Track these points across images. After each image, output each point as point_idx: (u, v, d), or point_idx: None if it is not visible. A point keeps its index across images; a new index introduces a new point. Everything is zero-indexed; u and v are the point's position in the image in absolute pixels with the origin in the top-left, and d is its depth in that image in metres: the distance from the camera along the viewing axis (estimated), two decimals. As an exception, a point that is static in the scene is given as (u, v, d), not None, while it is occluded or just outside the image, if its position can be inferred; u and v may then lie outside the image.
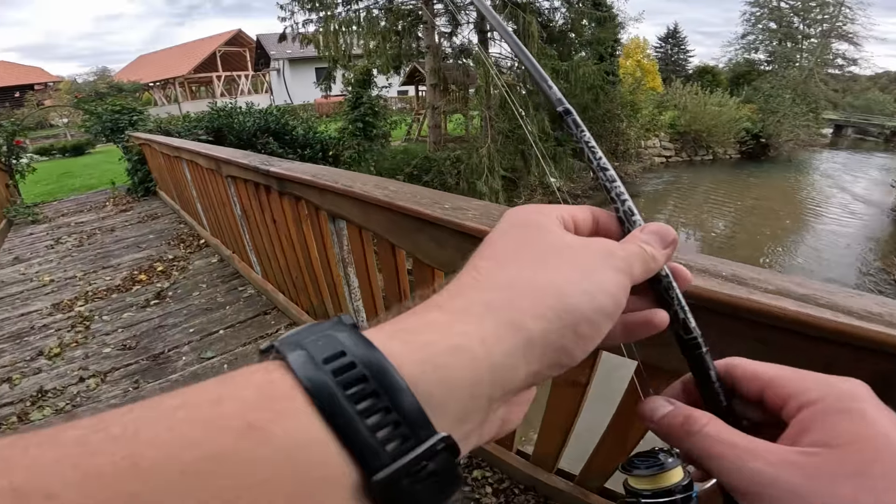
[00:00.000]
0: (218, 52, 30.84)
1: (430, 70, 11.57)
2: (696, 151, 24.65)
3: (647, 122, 19.84)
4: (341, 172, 1.78)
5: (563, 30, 13.17)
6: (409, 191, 1.43)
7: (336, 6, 12.42)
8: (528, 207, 0.33)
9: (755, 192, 19.83)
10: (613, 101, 15.97)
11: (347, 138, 10.09)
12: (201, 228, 4.82)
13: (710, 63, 36.00)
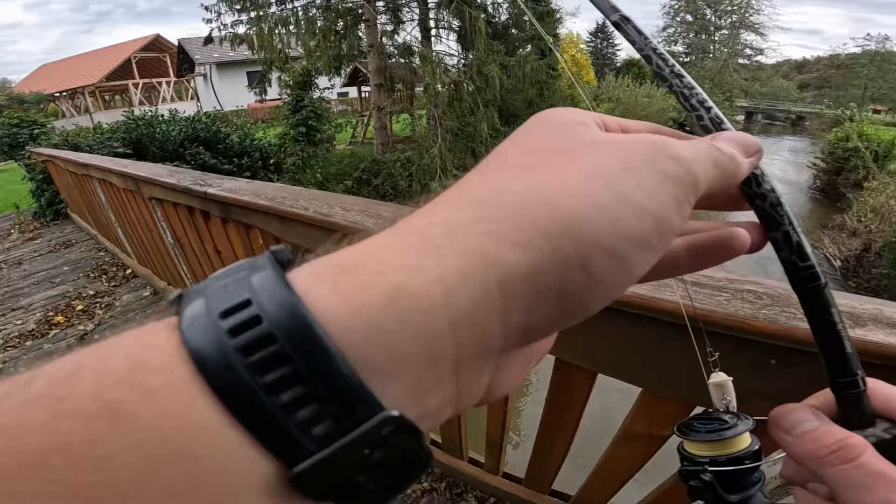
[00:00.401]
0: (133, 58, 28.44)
1: (374, 69, 11.08)
2: (631, 141, 25.94)
3: (585, 115, 20.44)
4: (313, 194, 1.39)
5: (507, 25, 13.15)
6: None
7: (270, 5, 11.65)
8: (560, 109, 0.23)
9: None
10: (555, 96, 16.25)
11: (289, 144, 9.42)
12: (126, 256, 4.15)
13: (636, 56, 37.77)
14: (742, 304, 0.68)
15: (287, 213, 1.29)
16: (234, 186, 1.60)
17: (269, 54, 11.71)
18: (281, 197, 1.37)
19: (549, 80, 14.13)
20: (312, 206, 1.25)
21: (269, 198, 1.38)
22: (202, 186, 1.68)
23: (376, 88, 11.11)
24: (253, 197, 1.43)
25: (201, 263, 2.42)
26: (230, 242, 1.90)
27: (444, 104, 10.11)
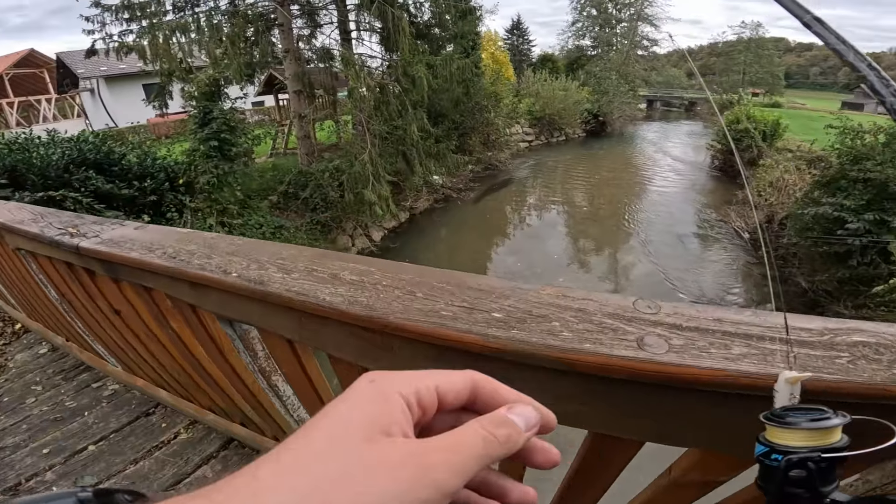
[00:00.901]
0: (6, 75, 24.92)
1: (291, 76, 10.35)
2: (552, 134, 26.90)
3: (509, 111, 20.84)
4: (233, 244, 1.04)
5: (430, 24, 12.94)
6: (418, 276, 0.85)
7: (165, 13, 10.50)
8: (379, 384, 0.29)
9: (606, 165, 22.22)
10: (480, 93, 16.37)
11: (200, 161, 8.52)
12: (12, 308, 3.40)
13: (549, 51, 39.47)
14: (868, 363, 0.56)
15: (199, 279, 0.93)
16: (119, 236, 1.19)
17: (168, 64, 10.57)
18: (187, 252, 1.00)
19: (473, 77, 14.19)
20: (235, 266, 0.90)
21: (169, 254, 1.01)
22: (73, 238, 1.24)
23: (295, 95, 10.40)
24: (145, 253, 1.04)
25: (99, 322, 1.93)
26: (129, 303, 1.47)
27: (370, 108, 9.69)
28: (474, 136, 17.03)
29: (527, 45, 38.56)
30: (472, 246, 11.93)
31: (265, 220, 9.67)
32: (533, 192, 17.27)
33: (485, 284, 0.77)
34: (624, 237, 13.06)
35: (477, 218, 13.90)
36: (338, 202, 9.92)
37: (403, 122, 10.04)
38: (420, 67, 9.90)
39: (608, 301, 0.70)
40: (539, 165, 21.07)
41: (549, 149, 25.45)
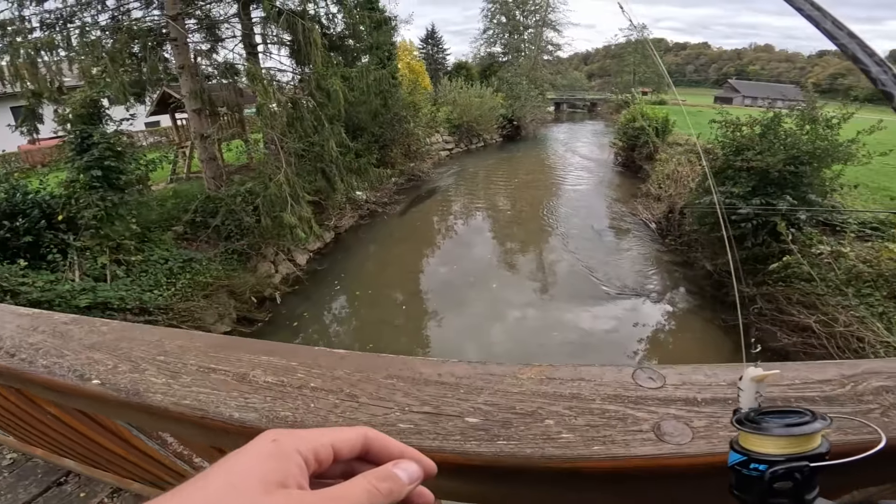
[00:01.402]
0: None
1: (188, 93, 9.41)
2: (471, 140, 27.48)
3: (428, 120, 20.91)
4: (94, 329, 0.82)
5: (343, 36, 12.55)
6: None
7: (31, 31, 9.13)
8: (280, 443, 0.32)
9: (524, 168, 23.13)
10: (398, 104, 16.21)
11: (82, 193, 7.45)
12: None
13: (463, 59, 40.36)
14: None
15: (48, 385, 0.70)
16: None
17: (34, 85, 9.20)
18: (30, 347, 0.75)
19: (391, 88, 14.02)
20: (97, 368, 0.69)
21: (7, 350, 0.75)
22: None
23: (195, 114, 9.46)
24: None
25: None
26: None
27: (282, 125, 9.10)
28: (395, 147, 16.84)
29: (441, 54, 39.16)
30: (402, 260, 11.71)
31: (170, 253, 8.70)
32: (458, 200, 17.44)
33: (447, 374, 0.60)
34: (546, 236, 13.58)
35: (405, 231, 13.71)
36: (254, 228, 9.20)
37: (320, 137, 9.56)
38: (335, 80, 9.50)
39: (603, 378, 0.59)
40: (461, 173, 21.38)
41: (470, 155, 25.97)
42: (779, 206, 7.87)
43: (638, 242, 12.92)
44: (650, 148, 19.91)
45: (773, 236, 8.04)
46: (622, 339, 8.26)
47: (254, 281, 9.24)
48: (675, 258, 11.30)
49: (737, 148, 9.09)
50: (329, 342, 8.48)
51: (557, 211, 16.10)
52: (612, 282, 10.19)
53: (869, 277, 6.72)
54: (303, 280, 10.14)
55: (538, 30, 38.09)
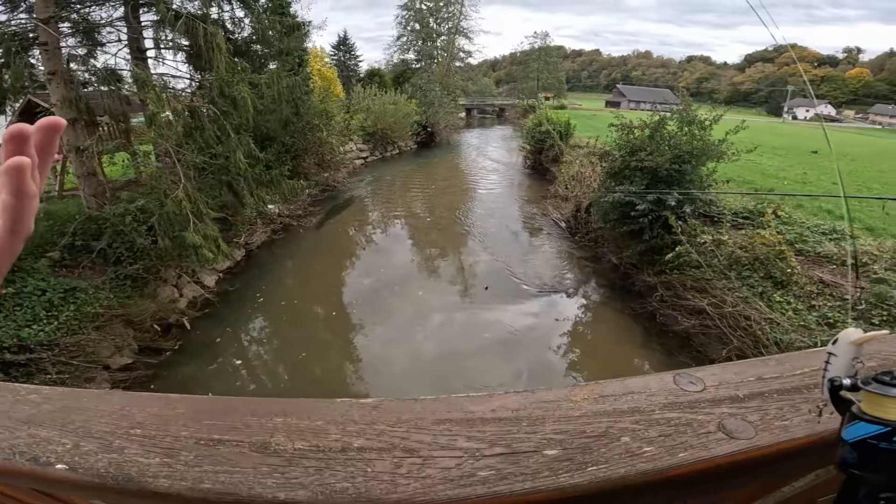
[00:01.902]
0: None
1: (59, 101, 8.12)
2: (386, 148, 27.27)
3: (342, 128, 20.35)
4: None
5: (250, 41, 11.73)
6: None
7: None
8: None
9: (440, 174, 23.49)
10: (310, 112, 15.58)
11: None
12: None
13: (376, 66, 39.97)
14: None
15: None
16: None
17: None
18: None
19: (303, 96, 13.42)
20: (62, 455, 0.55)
21: None
22: None
23: (69, 125, 8.23)
24: None
25: None
26: None
27: (178, 135, 8.24)
28: (308, 157, 16.14)
29: (354, 61, 38.47)
30: (323, 274, 11.25)
31: (48, 283, 7.55)
32: (376, 209, 17.19)
33: (500, 408, 0.57)
34: (466, 239, 13.87)
35: (323, 244, 13.19)
36: (150, 250, 8.25)
37: (225, 149, 8.82)
38: (242, 87, 8.81)
39: (651, 388, 0.62)
40: (378, 181, 21.12)
41: (385, 163, 25.76)
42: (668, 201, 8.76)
43: (550, 241, 13.68)
44: (556, 151, 21.17)
45: (666, 229, 8.92)
46: (546, 333, 8.65)
47: (155, 307, 8.31)
48: (585, 254, 12.12)
49: (631, 149, 9.88)
50: (251, 365, 7.90)
51: (474, 214, 16.52)
52: (531, 280, 10.66)
53: (746, 261, 7.72)
54: (214, 303, 9.33)
55: (451, 37, 39.00)
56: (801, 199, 11.16)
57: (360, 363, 7.87)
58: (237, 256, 11.02)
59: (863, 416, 0.35)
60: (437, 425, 0.56)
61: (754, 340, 6.79)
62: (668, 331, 8.29)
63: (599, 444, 0.54)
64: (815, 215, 9.78)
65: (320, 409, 0.60)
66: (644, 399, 0.59)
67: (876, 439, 0.33)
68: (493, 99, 66.85)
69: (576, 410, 0.58)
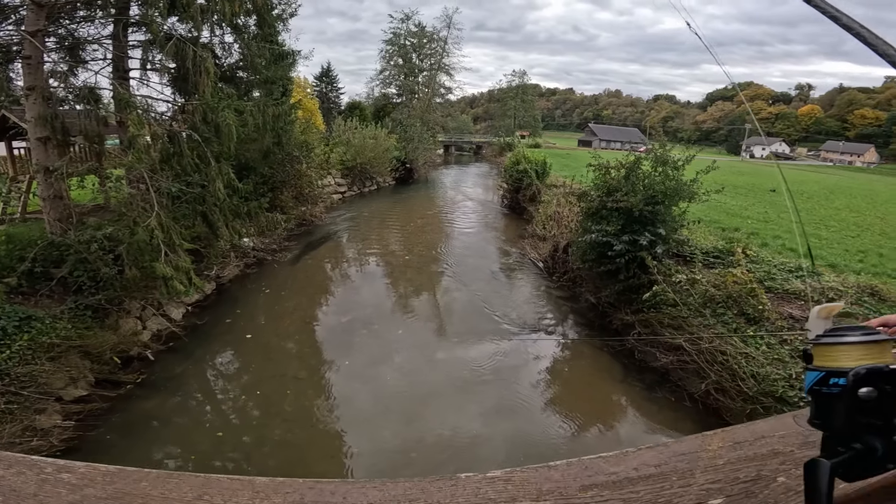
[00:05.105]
0: None
1: (35, 118, 7.81)
2: (364, 183, 27.33)
3: (321, 161, 20.34)
4: None
5: (237, 67, 11.69)
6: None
7: None
8: None
9: (418, 211, 23.57)
10: (291, 143, 15.50)
11: None
12: None
13: (357, 98, 40.59)
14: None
15: None
16: None
17: None
18: None
19: (287, 126, 13.37)
20: None
21: None
22: None
23: (40, 143, 7.83)
24: None
25: None
26: None
27: (153, 160, 8.01)
28: (286, 190, 15.97)
29: (336, 93, 38.95)
30: (298, 310, 10.91)
31: (2, 310, 7.08)
32: (353, 246, 17.00)
33: (642, 466, 0.56)
34: (442, 278, 13.79)
35: (299, 280, 12.88)
36: (115, 280, 7.85)
37: (202, 177, 8.60)
38: (227, 114, 8.69)
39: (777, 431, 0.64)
40: (355, 217, 21.02)
41: (363, 199, 25.76)
42: (642, 241, 8.97)
43: (528, 280, 13.73)
44: (533, 190, 21.57)
45: (642, 269, 9.10)
46: (527, 372, 8.55)
47: (115, 339, 7.87)
48: (563, 293, 12.20)
49: (608, 190, 10.09)
50: (216, 401, 7.46)
51: (453, 253, 16.53)
52: (510, 319, 10.61)
53: (720, 299, 7.91)
54: (180, 336, 8.88)
55: (432, 73, 40.04)
56: (765, 238, 11.63)
57: (332, 401, 7.54)
58: (207, 290, 10.61)
59: (808, 367, 0.40)
60: (584, 492, 0.53)
61: (731, 374, 6.87)
62: (646, 367, 8.31)
63: (759, 486, 0.54)
64: (779, 253, 10.18)
65: (446, 490, 0.55)
66: (778, 441, 0.60)
67: (818, 385, 0.38)
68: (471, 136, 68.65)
69: (718, 459, 0.58)
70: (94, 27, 9.58)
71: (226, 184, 8.92)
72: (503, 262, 15.59)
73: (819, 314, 0.47)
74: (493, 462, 6.23)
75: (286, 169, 15.58)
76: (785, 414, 0.66)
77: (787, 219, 15.60)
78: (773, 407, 6.20)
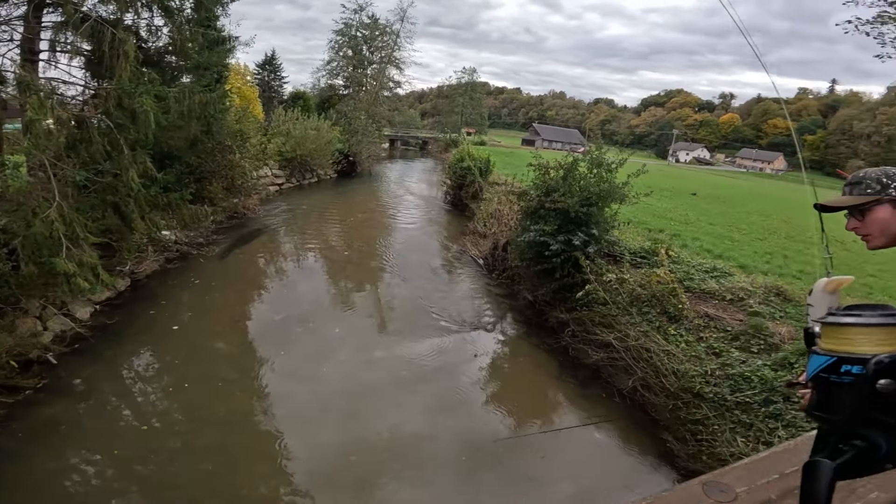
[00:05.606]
0: None
1: None
2: (304, 175, 26.33)
3: (257, 152, 19.29)
4: None
5: (165, 51, 10.73)
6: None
7: None
8: None
9: (359, 206, 23.11)
10: (223, 132, 14.57)
11: None
12: None
13: (301, 89, 38.92)
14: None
15: None
16: None
17: None
18: None
19: (218, 114, 12.55)
20: None
21: None
22: None
23: None
24: None
25: None
26: None
27: (57, 146, 7.13)
28: (216, 181, 14.96)
29: (279, 82, 37.14)
30: (227, 308, 10.27)
31: None
32: (289, 240, 16.28)
33: None
34: (383, 274, 13.61)
35: (228, 275, 12.12)
36: (10, 276, 6.97)
37: (115, 166, 7.82)
38: (146, 99, 7.92)
39: None
40: (293, 210, 20.18)
41: (302, 192, 24.82)
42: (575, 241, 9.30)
43: (469, 277, 13.86)
44: (476, 187, 21.79)
45: (577, 268, 9.44)
46: (467, 368, 8.61)
47: (12, 342, 7.01)
48: (502, 291, 12.42)
49: (546, 190, 10.33)
50: (136, 405, 6.84)
51: (394, 249, 16.35)
52: (450, 316, 10.63)
53: (645, 298, 8.37)
54: (87, 337, 8.07)
55: (382, 66, 39.17)
56: (684, 240, 12.48)
57: (266, 402, 7.17)
58: (121, 286, 9.70)
59: (815, 350, 0.34)
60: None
61: (655, 371, 7.29)
62: (580, 364, 8.65)
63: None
64: (698, 254, 10.96)
65: None
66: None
67: (826, 372, 0.33)
68: (418, 131, 68.24)
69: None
70: (4, 8, 8.50)
71: (141, 173, 8.17)
72: (444, 259, 15.63)
73: (826, 288, 0.40)
74: (437, 461, 6.22)
75: (216, 159, 14.62)
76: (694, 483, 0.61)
77: (706, 221, 16.90)
78: (691, 402, 6.62)
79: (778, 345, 6.86)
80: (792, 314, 7.62)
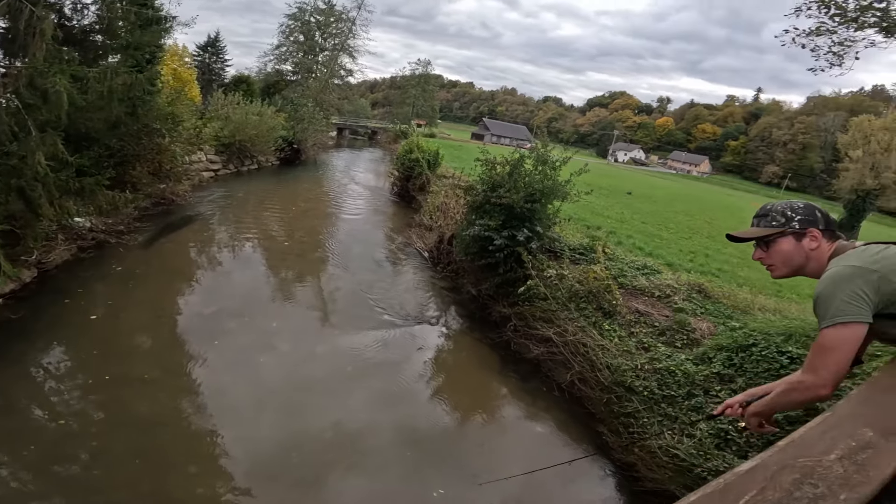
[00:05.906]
0: None
1: None
2: (243, 162, 25.01)
3: (190, 136, 17.98)
4: None
5: (89, 29, 9.70)
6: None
7: None
8: None
9: (302, 195, 22.34)
10: (150, 114, 13.46)
11: None
12: None
13: (246, 73, 36.83)
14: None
15: None
16: None
17: None
18: None
19: (145, 96, 11.61)
20: None
21: None
22: None
23: None
24: None
25: None
26: None
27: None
28: (140, 165, 13.80)
29: (221, 65, 34.88)
30: (150, 301, 9.50)
31: None
32: (223, 229, 15.34)
33: None
34: (325, 266, 13.24)
35: (151, 265, 11.21)
36: None
37: (23, 147, 7.01)
38: (60, 79, 7.16)
39: None
40: (228, 197, 19.08)
41: (240, 178, 23.56)
42: (519, 237, 9.51)
43: (413, 270, 13.79)
44: (423, 179, 21.72)
45: (519, 263, 9.66)
46: (411, 362, 8.58)
47: None
48: (447, 284, 12.48)
49: (492, 185, 10.46)
50: (50, 405, 6.16)
51: (337, 240, 15.95)
52: (394, 309, 10.54)
53: (583, 294, 8.71)
54: (-17, 337, 7.19)
55: (334, 53, 37.78)
56: (619, 238, 13.14)
57: (198, 400, 6.73)
58: (26, 277, 8.72)
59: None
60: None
61: (591, 365, 7.62)
62: (521, 358, 8.87)
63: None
64: (631, 252, 11.58)
65: None
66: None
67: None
68: (367, 121, 66.95)
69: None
70: None
71: (50, 156, 7.36)
72: (389, 251, 15.47)
73: None
74: (383, 456, 6.15)
75: (142, 142, 13.49)
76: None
77: (639, 219, 17.91)
78: (623, 395, 6.98)
79: (699, 339, 7.40)
80: (711, 311, 8.24)
